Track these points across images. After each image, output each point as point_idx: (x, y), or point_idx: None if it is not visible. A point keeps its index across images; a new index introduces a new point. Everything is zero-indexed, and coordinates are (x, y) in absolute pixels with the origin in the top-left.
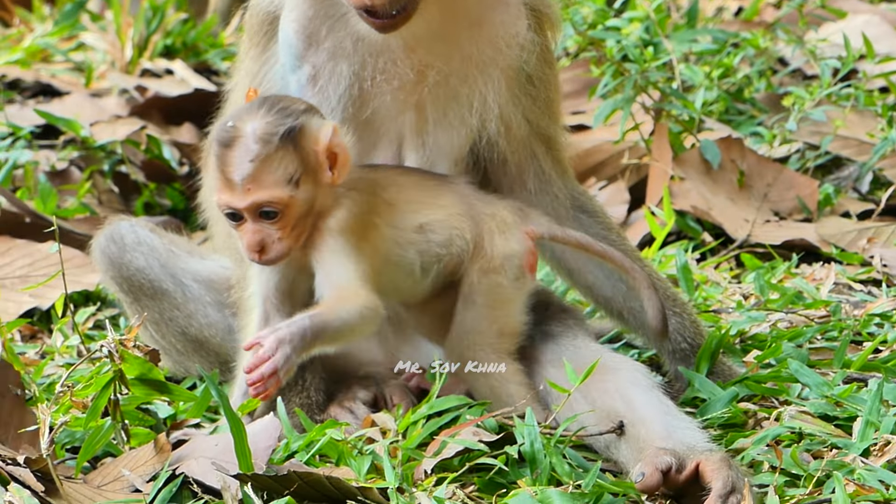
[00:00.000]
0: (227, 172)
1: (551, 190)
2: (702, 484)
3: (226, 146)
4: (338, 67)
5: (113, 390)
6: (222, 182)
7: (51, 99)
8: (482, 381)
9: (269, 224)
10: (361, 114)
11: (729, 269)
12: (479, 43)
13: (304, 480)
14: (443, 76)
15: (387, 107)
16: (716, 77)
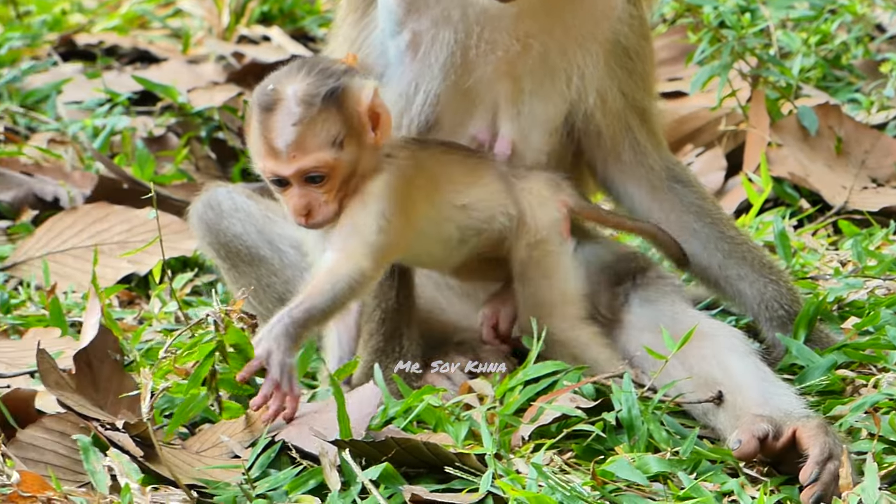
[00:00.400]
0: (271, 139)
1: (646, 161)
2: (799, 451)
3: (267, 111)
4: (441, 35)
5: (213, 361)
6: (266, 149)
7: (148, 65)
8: (562, 351)
9: (316, 188)
10: (463, 82)
11: (826, 235)
12: (579, 16)
13: (403, 446)
14: (545, 48)
15: (487, 76)
16: (813, 43)
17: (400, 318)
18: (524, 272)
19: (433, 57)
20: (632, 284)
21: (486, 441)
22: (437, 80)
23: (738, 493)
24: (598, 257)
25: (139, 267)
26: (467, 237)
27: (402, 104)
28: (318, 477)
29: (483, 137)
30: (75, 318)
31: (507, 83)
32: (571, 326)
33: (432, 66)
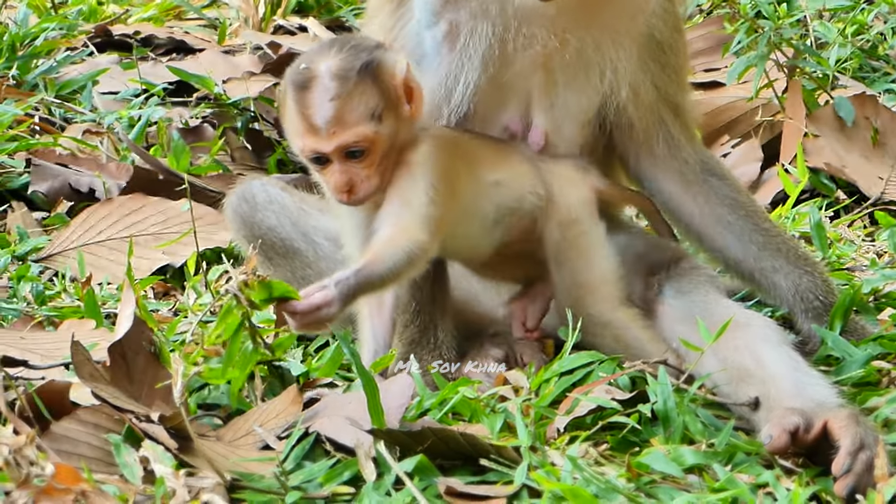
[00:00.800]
0: (309, 116)
1: (680, 155)
2: (831, 442)
3: (303, 89)
4: (479, 27)
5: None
6: (305, 127)
7: (184, 56)
8: (602, 333)
9: (356, 163)
10: (500, 75)
11: (863, 226)
12: (614, 11)
13: (439, 437)
14: (580, 42)
15: (523, 69)
16: (849, 34)
17: (434, 310)
18: (559, 254)
19: (472, 49)
20: (665, 275)
21: (521, 433)
22: (476, 71)
23: (773, 485)
24: (631, 247)
25: (174, 258)
26: (501, 216)
27: (441, 94)
28: (352, 468)
29: (515, 128)
30: (110, 310)
31: (542, 75)
32: (612, 308)
33: (471, 58)
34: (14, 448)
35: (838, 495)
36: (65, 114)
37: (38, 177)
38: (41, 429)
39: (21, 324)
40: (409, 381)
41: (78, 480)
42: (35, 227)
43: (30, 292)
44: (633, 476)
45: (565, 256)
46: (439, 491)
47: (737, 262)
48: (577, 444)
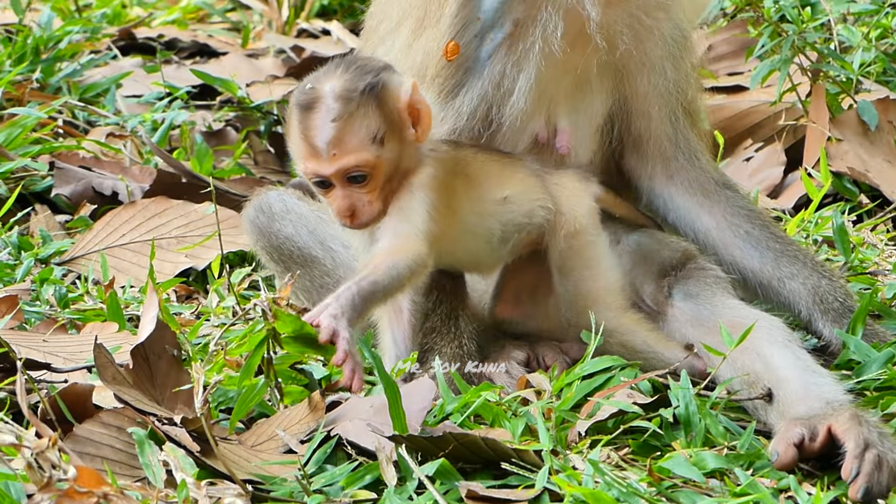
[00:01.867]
0: (311, 137)
1: (699, 165)
2: (837, 445)
3: (306, 109)
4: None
5: (266, 348)
6: (306, 149)
7: (207, 59)
8: (609, 340)
9: (358, 188)
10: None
11: (885, 231)
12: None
13: (460, 442)
14: (613, 45)
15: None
16: (874, 38)
17: (455, 299)
18: (565, 264)
19: (530, 53)
20: (674, 277)
21: (542, 437)
22: (530, 74)
23: (794, 490)
24: (641, 246)
25: (197, 261)
26: (508, 234)
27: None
28: (373, 472)
29: (543, 135)
30: (133, 313)
31: (571, 78)
32: (616, 315)
33: (530, 62)
34: (36, 451)
35: (853, 499)
36: (88, 117)
37: (61, 180)
38: (63, 432)
39: (44, 327)
40: (431, 385)
41: (100, 483)
42: (58, 230)
43: (53, 295)
44: (655, 480)
45: (571, 266)
46: (461, 495)
47: (754, 272)
48: (599, 448)
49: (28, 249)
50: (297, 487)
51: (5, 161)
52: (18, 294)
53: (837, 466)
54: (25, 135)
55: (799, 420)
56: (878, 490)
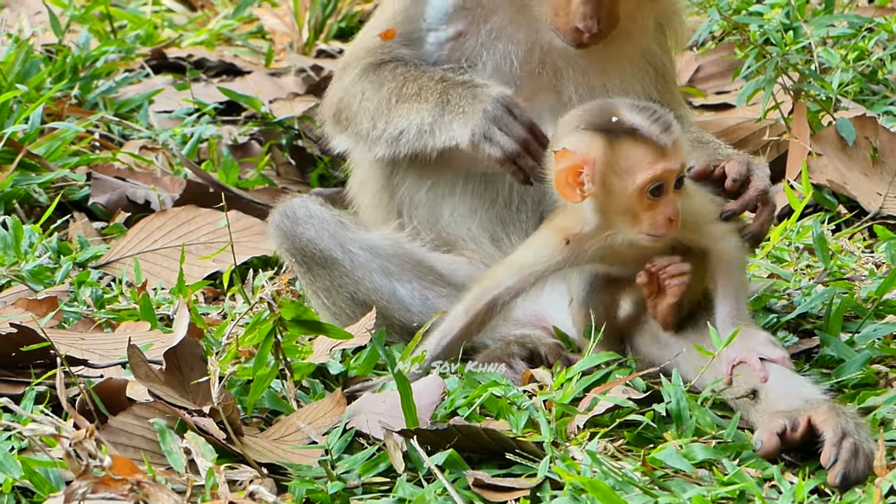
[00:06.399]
0: (661, 139)
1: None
2: (817, 435)
3: (650, 120)
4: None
5: (274, 333)
6: (653, 153)
7: (233, 78)
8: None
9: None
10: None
11: (862, 239)
12: (620, 49)
13: (465, 433)
14: (590, 68)
15: (536, 90)
16: (851, 59)
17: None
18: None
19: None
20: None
21: (543, 429)
22: (484, 76)
23: (777, 479)
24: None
25: (223, 266)
26: None
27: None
28: (387, 461)
29: None
30: (164, 313)
31: (553, 97)
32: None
33: (484, 65)
34: (74, 441)
35: (832, 484)
36: (123, 131)
37: (97, 189)
38: (100, 423)
39: (82, 326)
40: (439, 381)
41: (134, 471)
42: (95, 237)
43: (90, 297)
44: (648, 470)
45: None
46: (468, 483)
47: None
48: (596, 440)
49: (67, 254)
50: (317, 473)
51: (46, 172)
52: (58, 295)
53: (818, 456)
54: (64, 147)
55: (781, 412)
56: (856, 476)
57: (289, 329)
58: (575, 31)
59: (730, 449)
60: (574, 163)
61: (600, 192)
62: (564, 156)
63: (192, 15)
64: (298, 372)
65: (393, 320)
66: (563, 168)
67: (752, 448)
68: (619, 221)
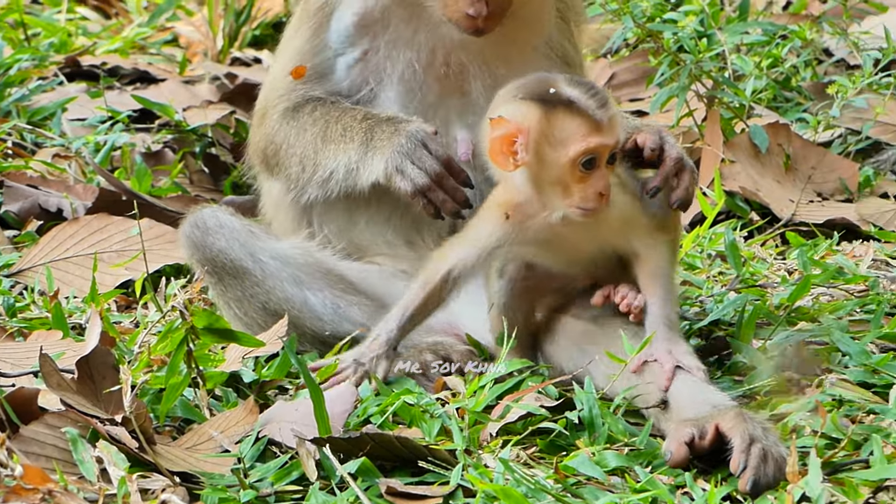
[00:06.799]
0: (597, 114)
1: None
2: (725, 442)
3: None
4: (396, 54)
5: (187, 341)
6: (588, 125)
7: (147, 85)
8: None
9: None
10: (416, 97)
11: (774, 246)
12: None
13: (377, 441)
14: (493, 64)
15: (440, 92)
16: (765, 67)
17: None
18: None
19: (385, 72)
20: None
21: (456, 437)
22: (391, 93)
23: (690, 486)
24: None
25: (136, 274)
26: None
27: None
28: (300, 469)
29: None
30: (76, 322)
31: (459, 97)
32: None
33: (382, 80)
34: None
35: (743, 491)
36: (36, 139)
37: (10, 197)
38: (11, 432)
39: None
40: (351, 388)
41: (45, 480)
42: (6, 245)
43: (1, 305)
44: (561, 478)
45: None
46: (381, 491)
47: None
48: (509, 447)
49: None
50: (229, 482)
51: None
52: None
53: (729, 463)
54: None
55: (689, 421)
56: (766, 481)
57: (201, 337)
58: (467, 18)
59: (642, 456)
60: (509, 131)
61: (533, 162)
62: (500, 123)
63: (107, 23)
64: (211, 380)
65: (305, 329)
66: (497, 136)
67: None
68: (551, 193)
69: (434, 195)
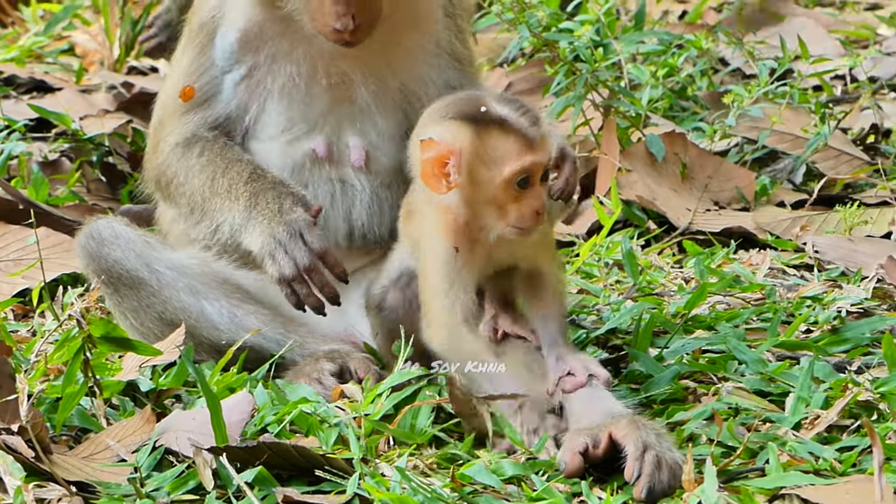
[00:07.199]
0: (529, 132)
1: None
2: (619, 450)
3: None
4: (280, 68)
5: (84, 350)
6: (521, 144)
7: (44, 94)
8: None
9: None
10: (305, 108)
11: (671, 254)
12: (406, 35)
13: (273, 450)
14: (380, 70)
15: (328, 101)
16: (661, 76)
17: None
18: None
19: (270, 87)
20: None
21: (353, 446)
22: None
23: (586, 495)
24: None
25: (33, 282)
26: None
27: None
28: (197, 478)
29: (322, 152)
30: None
31: (348, 105)
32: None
33: (271, 94)
34: None
35: (638, 499)
36: None
37: None
38: None
39: None
40: (248, 397)
41: None
42: None
43: None
44: (458, 486)
45: None
46: (277, 500)
47: None
48: (406, 456)
49: None
50: (126, 491)
51: None
52: None
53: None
54: None
55: (583, 430)
56: (661, 488)
57: (98, 346)
58: (335, 32)
59: (539, 465)
60: (440, 153)
61: (467, 183)
62: (430, 146)
63: (3, 32)
64: (108, 389)
65: (202, 338)
66: (428, 158)
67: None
68: (486, 214)
69: (299, 287)
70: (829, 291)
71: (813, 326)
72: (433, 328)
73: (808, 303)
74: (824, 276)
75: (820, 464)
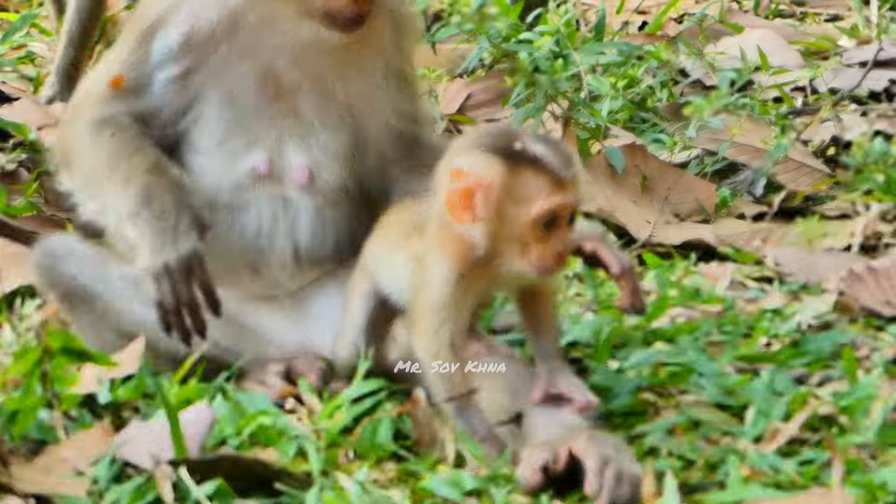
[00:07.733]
0: (562, 172)
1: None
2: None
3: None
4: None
5: (42, 362)
6: (552, 183)
7: (0, 104)
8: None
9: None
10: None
11: None
12: (356, 54)
13: (233, 463)
14: (328, 86)
15: (271, 114)
16: (621, 87)
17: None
18: None
19: (207, 94)
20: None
21: (312, 459)
22: (214, 112)
23: None
24: None
25: None
26: None
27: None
28: (156, 491)
29: (263, 168)
30: None
31: (292, 120)
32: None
33: (208, 101)
34: None
35: None
36: None
37: None
38: None
39: None
40: (208, 410)
41: None
42: None
43: None
44: (418, 499)
45: None
46: None
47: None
48: (366, 469)
49: None
50: (90, 502)
51: None
52: None
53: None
54: None
55: (542, 444)
56: (624, 501)
57: (56, 358)
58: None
59: (500, 478)
60: (469, 184)
61: (493, 218)
62: (460, 175)
63: None
64: (66, 401)
65: (160, 350)
66: (457, 188)
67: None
68: (508, 250)
69: (172, 318)
70: (790, 304)
71: (773, 339)
72: (418, 335)
73: (768, 315)
74: (785, 289)
75: (780, 477)
